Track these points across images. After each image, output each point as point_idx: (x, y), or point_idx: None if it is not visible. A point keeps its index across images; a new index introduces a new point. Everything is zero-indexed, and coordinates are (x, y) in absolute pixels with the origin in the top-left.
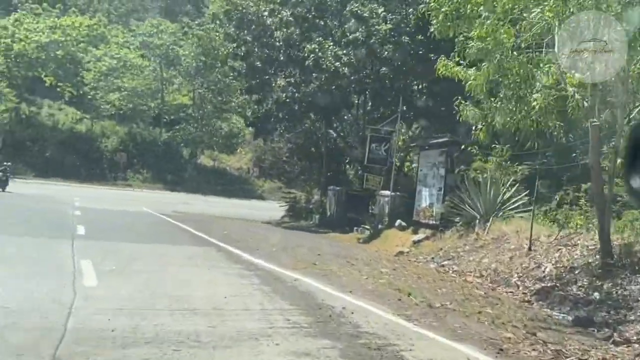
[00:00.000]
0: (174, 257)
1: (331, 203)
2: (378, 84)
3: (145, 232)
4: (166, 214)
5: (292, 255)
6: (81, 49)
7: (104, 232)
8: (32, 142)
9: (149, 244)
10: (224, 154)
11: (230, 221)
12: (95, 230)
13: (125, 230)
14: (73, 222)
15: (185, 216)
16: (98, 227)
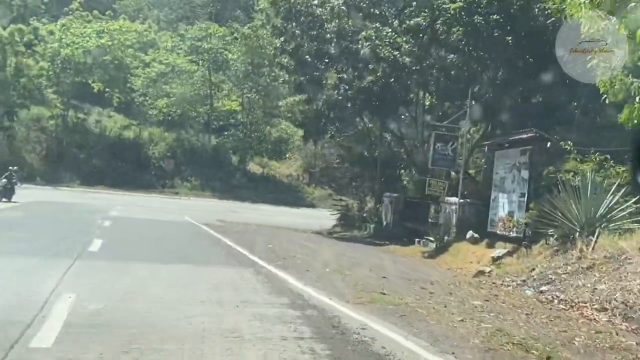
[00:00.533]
0: (196, 286)
1: (387, 211)
2: (443, 74)
3: (174, 248)
4: (208, 224)
5: (352, 279)
6: (129, 54)
7: (124, 247)
8: (78, 149)
9: (171, 265)
10: (273, 161)
11: (278, 231)
12: (113, 245)
13: (150, 245)
14: (93, 235)
15: (229, 226)
16: (120, 241)
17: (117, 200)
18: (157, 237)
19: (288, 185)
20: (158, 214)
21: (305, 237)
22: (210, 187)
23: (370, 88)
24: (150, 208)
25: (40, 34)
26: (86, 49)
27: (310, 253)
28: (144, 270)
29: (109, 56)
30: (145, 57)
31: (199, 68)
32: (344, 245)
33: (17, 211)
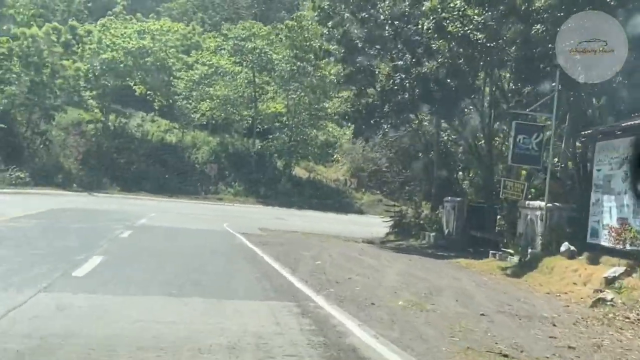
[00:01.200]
0: (203, 343)
1: (448, 218)
2: (523, 53)
3: (195, 268)
4: (247, 233)
5: (440, 320)
6: (172, 55)
7: (126, 269)
8: (118, 154)
9: (180, 298)
10: (320, 165)
11: (326, 241)
12: (114, 265)
13: (165, 265)
14: (96, 250)
15: (272, 236)
16: (128, 258)
17: (155, 206)
18: (180, 251)
19: (335, 191)
20: (194, 222)
21: (359, 248)
22: (255, 192)
23: (433, 74)
24: (188, 215)
25: (78, 33)
26: (127, 51)
27: (370, 272)
28: (136, 308)
29: (151, 58)
30: (188, 59)
31: (242, 69)
32: (406, 260)
33: (29, 220)
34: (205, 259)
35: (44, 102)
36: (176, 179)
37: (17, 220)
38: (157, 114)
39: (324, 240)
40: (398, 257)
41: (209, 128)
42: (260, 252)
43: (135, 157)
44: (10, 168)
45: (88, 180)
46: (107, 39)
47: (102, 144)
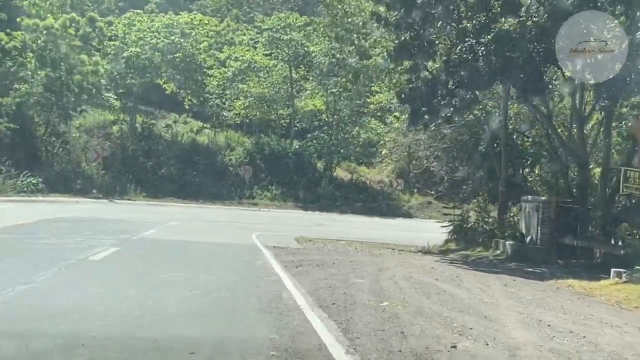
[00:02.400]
0: None
1: (530, 222)
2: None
3: (155, 333)
4: (279, 247)
5: None
6: (202, 50)
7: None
8: (145, 157)
9: None
10: (363, 166)
11: (379, 255)
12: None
13: (98, 326)
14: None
15: (309, 250)
16: (29, 317)
17: (181, 213)
18: (147, 292)
19: (380, 193)
20: (217, 232)
21: (425, 266)
22: (293, 196)
23: (515, 33)
24: (215, 223)
25: (98, 26)
26: (154, 47)
27: (477, 323)
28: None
29: (180, 54)
30: (220, 55)
31: (278, 63)
32: (500, 285)
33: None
34: (191, 303)
35: (61, 101)
36: (208, 183)
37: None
38: (189, 115)
39: (375, 253)
40: (485, 280)
41: (243, 128)
42: (289, 283)
43: (164, 161)
44: (22, 174)
45: (111, 185)
46: (132, 34)
47: (127, 147)
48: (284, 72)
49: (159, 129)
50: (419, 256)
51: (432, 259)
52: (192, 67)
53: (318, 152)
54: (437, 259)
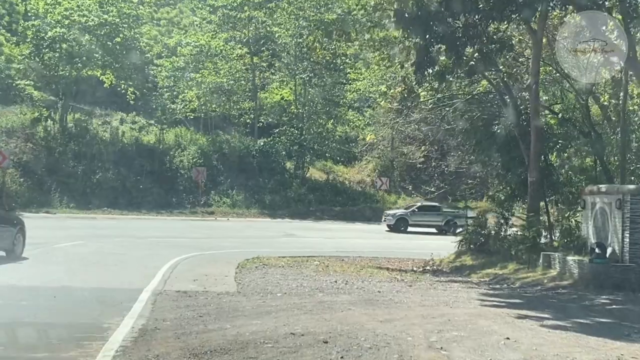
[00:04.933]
0: None
1: (605, 226)
2: None
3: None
4: (193, 293)
5: None
6: (145, 35)
7: None
8: (76, 161)
9: None
10: (340, 165)
11: (369, 277)
12: None
13: None
14: None
15: (248, 295)
16: None
17: (107, 228)
18: None
19: (361, 195)
20: (121, 260)
21: (447, 309)
22: (258, 202)
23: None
24: (140, 242)
25: (16, 9)
26: (84, 26)
27: None
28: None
29: (119, 38)
30: (170, 41)
31: (235, 45)
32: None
33: None
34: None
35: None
36: (154, 190)
37: None
38: (133, 111)
39: (364, 275)
40: None
41: (199, 125)
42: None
43: (99, 164)
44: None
45: (29, 195)
46: (55, 13)
47: (54, 150)
48: (244, 57)
49: (95, 127)
50: (430, 282)
51: (459, 290)
52: (134, 54)
53: (287, 150)
54: (463, 287)
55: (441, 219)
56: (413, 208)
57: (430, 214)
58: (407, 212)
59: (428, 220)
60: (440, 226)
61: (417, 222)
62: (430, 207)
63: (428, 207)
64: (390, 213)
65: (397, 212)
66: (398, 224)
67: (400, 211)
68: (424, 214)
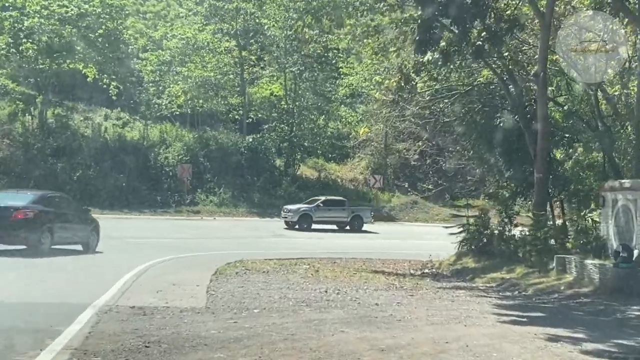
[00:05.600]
0: None
1: (630, 225)
2: None
3: None
4: (150, 310)
5: None
6: (129, 27)
7: None
8: (55, 158)
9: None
10: (332, 162)
11: (365, 283)
12: None
13: None
14: None
15: (218, 311)
16: None
17: None
18: None
19: (354, 193)
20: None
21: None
22: (247, 200)
23: None
24: (108, 242)
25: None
26: (64, 17)
27: None
28: None
29: (102, 30)
30: (155, 34)
31: (222, 37)
32: None
33: None
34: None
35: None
36: (138, 187)
37: None
38: (111, 102)
39: (359, 282)
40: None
41: (186, 121)
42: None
43: (80, 161)
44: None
45: None
46: (34, 3)
47: (32, 146)
48: (232, 51)
49: (76, 123)
50: (433, 289)
51: (468, 300)
52: (117, 46)
53: (277, 147)
54: (471, 296)
55: (346, 214)
56: (317, 203)
57: (335, 209)
58: (312, 207)
59: (333, 216)
60: (345, 222)
61: (321, 218)
62: (336, 201)
63: (333, 202)
64: (291, 208)
65: (300, 208)
66: (301, 221)
67: (304, 206)
68: (329, 209)
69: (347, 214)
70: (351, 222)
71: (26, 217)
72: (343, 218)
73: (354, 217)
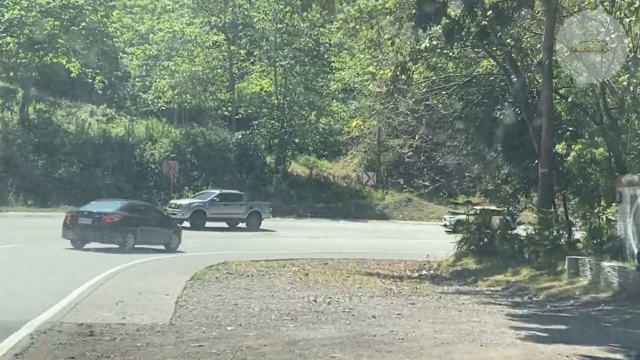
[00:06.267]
0: None
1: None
2: None
3: None
4: (98, 331)
5: None
6: (107, 18)
7: None
8: (36, 154)
9: None
10: (324, 159)
11: (369, 297)
12: None
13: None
14: None
15: (184, 331)
16: None
17: (49, 228)
18: None
19: (347, 190)
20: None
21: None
22: None
23: None
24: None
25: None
26: (46, 10)
27: None
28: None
29: (85, 22)
30: (141, 27)
31: (210, 30)
32: None
33: None
34: None
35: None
36: (122, 185)
37: None
38: (95, 98)
39: (352, 287)
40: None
41: (173, 117)
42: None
43: (62, 158)
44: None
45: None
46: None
47: (12, 142)
48: (221, 45)
49: (59, 118)
50: (435, 295)
51: (476, 309)
52: (101, 40)
53: (267, 144)
54: (479, 303)
55: (244, 210)
56: (212, 197)
57: (232, 205)
58: (205, 202)
59: (229, 212)
60: (242, 219)
61: (217, 215)
62: (233, 195)
63: (230, 196)
64: (180, 204)
65: (192, 203)
66: (194, 218)
67: (196, 201)
68: (226, 204)
69: (244, 210)
70: (248, 219)
71: (113, 221)
72: (240, 215)
73: (252, 213)
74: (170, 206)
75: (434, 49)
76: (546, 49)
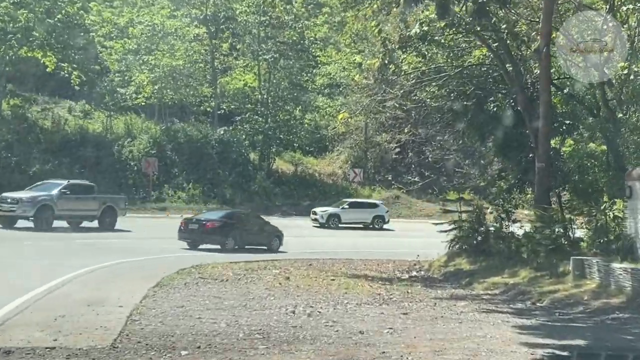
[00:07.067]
0: None
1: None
2: None
3: None
4: None
5: None
6: (81, 9)
7: None
8: (8, 151)
9: None
10: (310, 156)
11: (357, 305)
12: None
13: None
14: None
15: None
16: None
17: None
18: None
19: (333, 187)
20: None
21: None
22: (218, 196)
23: None
24: (42, 248)
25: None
26: (19, 1)
27: None
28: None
29: (61, 15)
30: (120, 20)
31: (191, 23)
32: None
33: None
34: None
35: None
36: (100, 182)
37: None
38: (72, 93)
39: (337, 293)
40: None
41: (154, 113)
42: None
43: (37, 155)
44: None
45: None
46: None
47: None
48: (203, 39)
49: (34, 114)
50: (429, 302)
51: (477, 318)
52: (78, 33)
53: (251, 140)
54: (479, 311)
55: (97, 205)
56: (60, 189)
57: (84, 200)
58: (53, 195)
59: (81, 208)
60: (95, 216)
61: (66, 211)
62: (82, 187)
63: (79, 188)
64: (20, 197)
65: (38, 196)
66: (39, 215)
67: (42, 194)
68: (77, 197)
69: (97, 206)
70: (102, 217)
71: (214, 226)
72: (92, 211)
73: (106, 209)
74: (4, 201)
75: (424, 37)
76: (544, 36)
